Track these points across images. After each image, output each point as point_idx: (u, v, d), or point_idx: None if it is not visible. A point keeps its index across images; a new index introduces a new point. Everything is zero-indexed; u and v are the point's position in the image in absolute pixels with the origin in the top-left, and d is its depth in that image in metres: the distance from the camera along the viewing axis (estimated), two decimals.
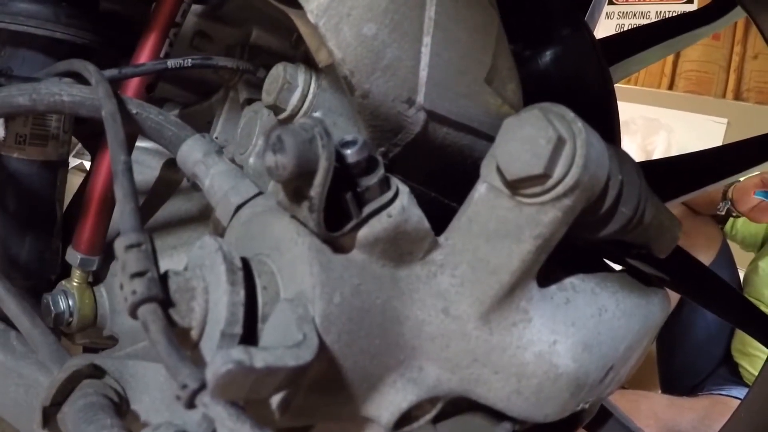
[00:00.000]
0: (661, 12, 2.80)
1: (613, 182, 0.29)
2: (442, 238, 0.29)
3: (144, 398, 0.41)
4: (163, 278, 0.26)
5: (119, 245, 0.26)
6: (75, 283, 0.51)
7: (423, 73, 0.30)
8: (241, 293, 0.25)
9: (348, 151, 0.24)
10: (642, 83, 2.86)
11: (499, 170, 0.26)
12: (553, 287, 0.31)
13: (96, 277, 0.53)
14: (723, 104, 2.67)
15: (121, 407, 0.42)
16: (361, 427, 0.31)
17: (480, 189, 0.28)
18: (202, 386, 0.21)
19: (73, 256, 0.50)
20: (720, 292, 0.68)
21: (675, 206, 1.70)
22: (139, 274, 0.25)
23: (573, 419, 0.38)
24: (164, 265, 0.28)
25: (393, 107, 0.30)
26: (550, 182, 0.25)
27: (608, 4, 2.86)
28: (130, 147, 0.48)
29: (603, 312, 0.32)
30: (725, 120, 2.59)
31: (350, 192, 0.25)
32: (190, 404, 0.21)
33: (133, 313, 0.24)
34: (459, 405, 0.33)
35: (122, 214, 0.27)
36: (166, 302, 0.25)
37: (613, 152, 0.30)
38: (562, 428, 0.38)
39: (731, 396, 1.60)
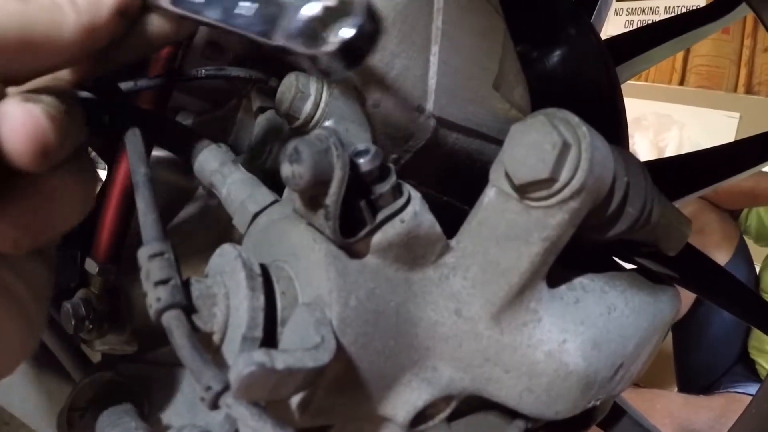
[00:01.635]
0: (670, 7, 2.78)
1: (618, 184, 0.29)
2: (453, 242, 0.29)
3: (166, 402, 0.43)
4: (185, 285, 0.27)
5: (143, 254, 0.27)
6: (94, 291, 0.52)
7: (432, 81, 0.31)
8: (261, 298, 0.26)
9: (361, 160, 0.25)
10: (653, 79, 2.84)
11: (507, 175, 0.27)
12: (563, 287, 0.32)
13: (114, 285, 0.54)
14: (735, 98, 2.65)
15: (143, 411, 0.43)
16: (378, 426, 0.31)
17: (489, 193, 0.29)
18: (226, 388, 0.22)
19: (91, 264, 0.51)
20: (733, 290, 0.68)
21: (693, 201, 1.69)
22: (163, 282, 0.25)
23: (585, 417, 0.39)
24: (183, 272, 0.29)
25: (403, 115, 0.31)
26: (557, 186, 0.26)
27: (617, 0, 2.85)
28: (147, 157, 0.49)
29: (612, 310, 0.33)
30: (737, 114, 2.57)
31: (364, 199, 0.26)
32: (214, 405, 0.22)
33: (157, 319, 0.25)
34: (472, 404, 0.33)
35: (144, 225, 0.28)
36: (189, 308, 0.26)
37: (619, 154, 0.30)
38: (575, 426, 0.39)
39: (747, 394, 1.59)
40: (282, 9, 0.24)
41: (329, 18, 0.23)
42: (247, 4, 0.26)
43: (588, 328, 0.31)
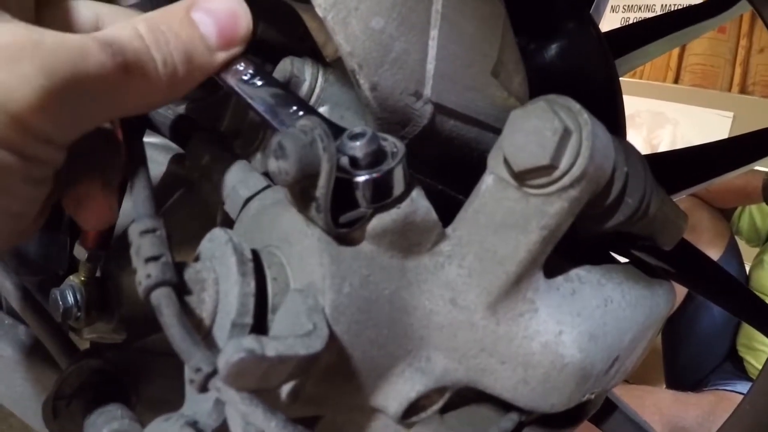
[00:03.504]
0: (666, 5, 2.79)
1: (618, 173, 0.29)
2: (449, 230, 0.29)
3: (154, 390, 0.42)
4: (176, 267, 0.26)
5: (134, 230, 0.26)
6: (83, 278, 0.52)
7: (430, 66, 0.31)
8: (252, 284, 0.26)
9: (356, 144, 0.25)
10: (647, 77, 2.85)
11: (506, 162, 0.26)
12: (560, 278, 0.32)
13: (103, 272, 0.53)
14: (729, 98, 2.66)
15: (130, 399, 0.42)
16: (369, 417, 0.31)
17: (487, 180, 0.28)
18: (216, 370, 0.22)
19: (80, 251, 0.50)
20: (726, 286, 0.69)
21: (685, 199, 1.70)
22: (154, 258, 0.25)
23: (578, 411, 0.38)
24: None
25: (400, 100, 0.31)
26: (557, 173, 0.26)
27: None
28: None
29: (608, 303, 0.32)
30: (731, 114, 2.58)
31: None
32: (204, 388, 0.22)
33: (146, 297, 0.25)
34: (466, 396, 0.33)
35: (137, 202, 0.28)
36: (180, 287, 0.25)
37: (619, 144, 0.30)
38: (568, 419, 0.39)
39: (736, 391, 1.60)
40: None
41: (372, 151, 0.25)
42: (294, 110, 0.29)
43: (584, 320, 0.30)
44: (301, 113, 0.29)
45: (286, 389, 0.26)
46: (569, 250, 0.31)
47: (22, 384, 0.58)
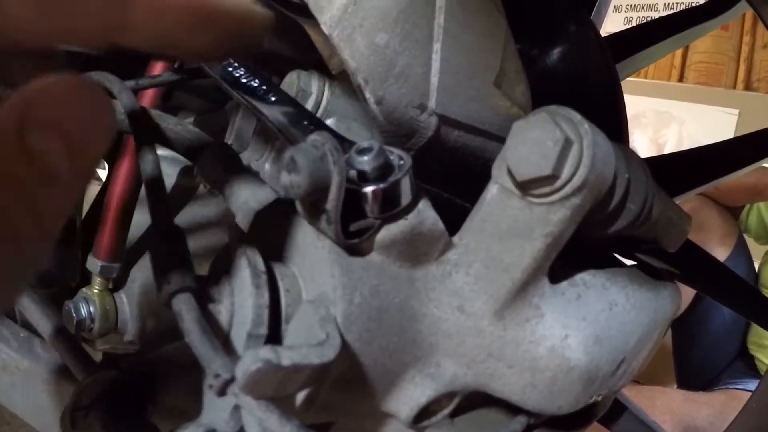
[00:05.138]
0: (669, 4, 2.78)
1: (620, 180, 0.30)
2: (456, 238, 0.30)
3: (170, 399, 0.43)
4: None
5: (152, 237, 0.27)
6: (95, 290, 0.52)
7: (434, 79, 0.31)
8: (266, 296, 0.26)
9: (364, 158, 0.25)
10: (652, 76, 2.84)
11: (509, 172, 0.27)
12: (565, 283, 0.32)
13: (116, 284, 0.54)
14: (734, 95, 2.65)
15: (147, 409, 0.43)
16: (381, 422, 0.32)
17: (492, 190, 0.29)
18: (234, 377, 0.22)
19: (93, 263, 0.51)
20: (733, 286, 0.69)
21: (693, 197, 1.70)
22: (174, 265, 0.26)
23: (587, 412, 0.39)
24: None
25: (406, 113, 0.31)
26: (559, 182, 0.26)
27: None
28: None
29: (613, 306, 0.33)
30: (736, 111, 2.57)
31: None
32: (222, 392, 0.23)
33: (167, 303, 0.25)
34: (475, 400, 0.33)
35: (153, 209, 0.28)
36: (199, 293, 0.26)
37: (620, 151, 0.30)
38: (577, 422, 0.39)
39: (747, 390, 1.59)
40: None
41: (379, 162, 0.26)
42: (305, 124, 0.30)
43: (590, 324, 0.31)
44: (312, 128, 0.30)
45: (300, 396, 0.27)
46: (574, 255, 0.32)
47: (39, 396, 0.58)
